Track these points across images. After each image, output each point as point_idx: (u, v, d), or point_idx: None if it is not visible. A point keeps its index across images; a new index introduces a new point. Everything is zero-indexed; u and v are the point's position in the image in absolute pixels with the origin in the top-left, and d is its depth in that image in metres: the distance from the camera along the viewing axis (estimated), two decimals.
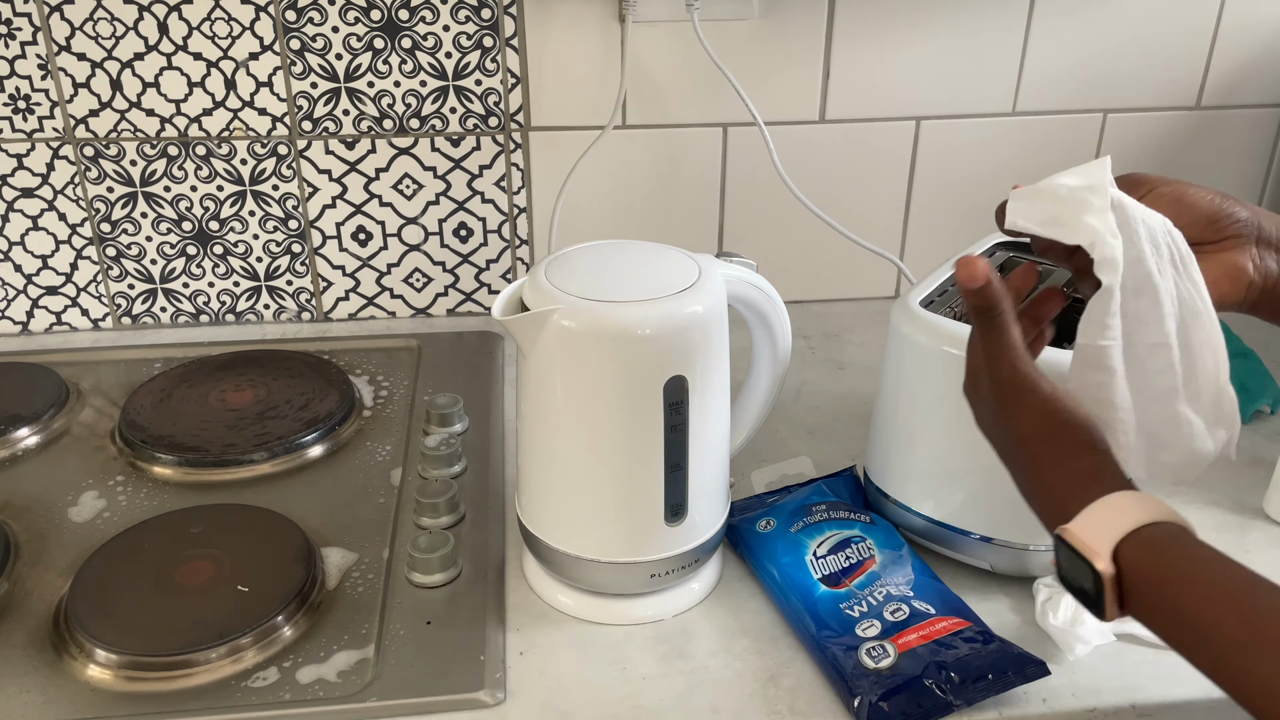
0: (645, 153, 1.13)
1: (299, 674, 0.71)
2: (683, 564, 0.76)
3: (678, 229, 1.16)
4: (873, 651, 0.69)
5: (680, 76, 1.09)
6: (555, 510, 0.75)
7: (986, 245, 0.91)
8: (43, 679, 0.71)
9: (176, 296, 1.15)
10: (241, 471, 0.92)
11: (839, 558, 0.77)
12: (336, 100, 1.07)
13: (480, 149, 1.10)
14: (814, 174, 1.14)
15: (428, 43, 1.05)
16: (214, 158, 1.08)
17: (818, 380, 1.06)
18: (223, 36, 1.03)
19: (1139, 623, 0.54)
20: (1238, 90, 1.17)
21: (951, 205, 1.19)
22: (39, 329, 1.15)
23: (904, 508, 0.80)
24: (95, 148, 1.07)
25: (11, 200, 1.08)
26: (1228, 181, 1.21)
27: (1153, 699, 0.70)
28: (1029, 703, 0.69)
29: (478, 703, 0.69)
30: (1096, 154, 1.18)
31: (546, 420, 0.73)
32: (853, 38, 1.09)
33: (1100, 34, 1.12)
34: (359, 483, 0.91)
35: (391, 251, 1.15)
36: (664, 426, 0.71)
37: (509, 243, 1.16)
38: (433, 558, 0.78)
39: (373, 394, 1.03)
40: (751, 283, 0.78)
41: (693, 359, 0.70)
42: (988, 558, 0.78)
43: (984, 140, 1.16)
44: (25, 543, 0.83)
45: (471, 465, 0.91)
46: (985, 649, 0.69)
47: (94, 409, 1.01)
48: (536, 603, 0.78)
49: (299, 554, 0.80)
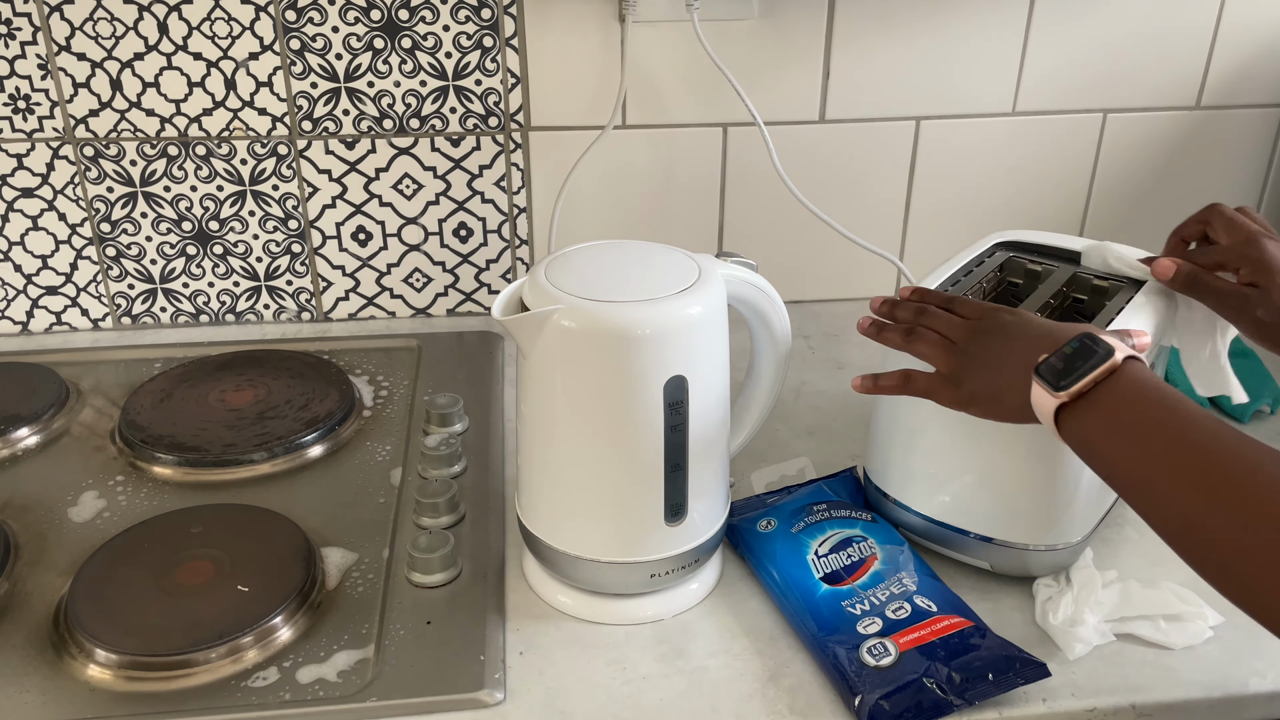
0: (645, 153, 1.13)
1: (299, 674, 0.71)
2: (682, 564, 0.76)
3: (678, 229, 1.16)
4: (874, 650, 0.69)
5: (680, 76, 1.09)
6: (555, 510, 0.75)
7: (987, 245, 0.91)
8: (43, 679, 0.71)
9: (176, 296, 1.15)
10: (241, 471, 0.92)
11: (840, 556, 0.77)
12: (336, 100, 1.07)
13: (480, 149, 1.10)
14: (814, 174, 1.14)
15: (428, 43, 1.05)
16: (214, 158, 1.08)
17: (818, 380, 1.06)
18: (223, 36, 1.03)
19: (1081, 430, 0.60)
20: (1238, 90, 1.17)
21: (951, 205, 1.19)
22: (39, 329, 1.15)
23: (904, 507, 0.80)
24: (95, 148, 1.07)
25: (11, 200, 1.08)
26: (1228, 181, 1.21)
27: (1153, 699, 0.70)
28: (1029, 703, 0.69)
29: (478, 703, 0.69)
30: (1096, 154, 1.18)
31: (546, 420, 0.73)
32: (853, 38, 1.09)
33: (1100, 34, 1.12)
34: (359, 483, 0.91)
35: (391, 251, 1.15)
36: (664, 426, 0.71)
37: (509, 243, 1.16)
38: (433, 558, 0.78)
39: (373, 394, 1.03)
40: (751, 283, 0.78)
41: (693, 359, 0.70)
42: (987, 557, 0.78)
43: (984, 140, 1.16)
44: (25, 543, 0.83)
45: (471, 465, 0.91)
46: (986, 649, 0.69)
47: (94, 409, 1.01)
48: (536, 603, 0.78)
49: (299, 554, 0.80)
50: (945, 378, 0.70)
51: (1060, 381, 0.60)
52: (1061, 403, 0.60)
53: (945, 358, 0.70)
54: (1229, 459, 0.55)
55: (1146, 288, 0.81)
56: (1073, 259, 0.87)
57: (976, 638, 0.70)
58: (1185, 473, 0.56)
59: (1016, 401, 0.65)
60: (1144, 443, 0.58)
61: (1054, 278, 0.86)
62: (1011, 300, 0.88)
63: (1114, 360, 0.60)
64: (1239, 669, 0.71)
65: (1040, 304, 0.83)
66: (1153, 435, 0.58)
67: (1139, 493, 0.58)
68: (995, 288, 0.89)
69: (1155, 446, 0.57)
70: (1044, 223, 1.19)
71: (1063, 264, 0.87)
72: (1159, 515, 0.57)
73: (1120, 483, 0.59)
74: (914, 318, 0.74)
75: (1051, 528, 0.76)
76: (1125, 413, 0.59)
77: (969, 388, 0.69)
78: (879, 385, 0.74)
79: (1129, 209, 1.21)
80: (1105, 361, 0.60)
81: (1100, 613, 0.74)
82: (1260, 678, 0.71)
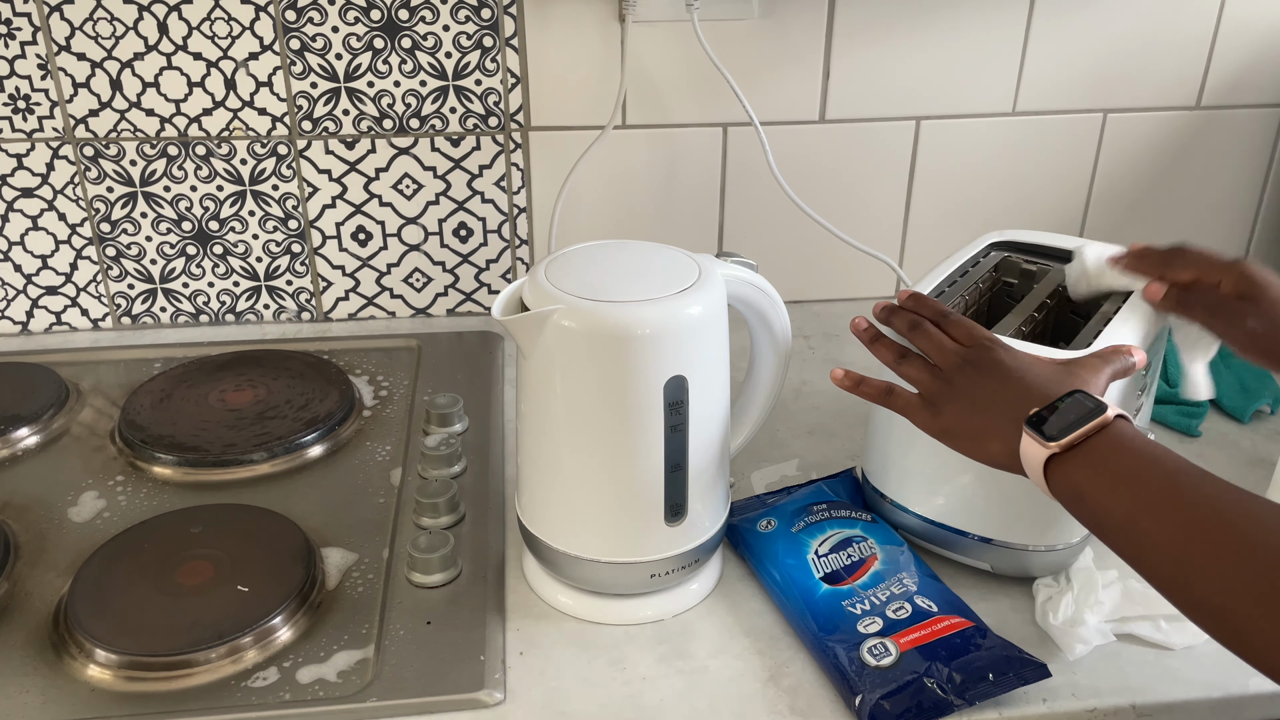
0: (645, 153, 1.13)
1: (299, 674, 0.71)
2: (683, 564, 0.76)
3: (678, 229, 1.16)
4: (875, 649, 0.69)
5: (680, 76, 1.09)
6: (555, 510, 0.75)
7: (982, 245, 0.91)
8: (43, 679, 0.71)
9: (176, 296, 1.15)
10: (241, 471, 0.92)
11: (840, 556, 0.77)
12: (336, 100, 1.07)
13: (480, 149, 1.10)
14: (814, 174, 1.14)
15: (428, 43, 1.05)
16: (214, 158, 1.08)
17: (818, 380, 1.06)
18: (222, 36, 1.03)
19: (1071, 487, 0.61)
20: (1238, 90, 1.17)
21: (952, 205, 1.19)
22: (39, 329, 1.15)
23: (902, 508, 0.80)
24: (95, 148, 1.07)
25: (11, 200, 1.08)
26: (1228, 181, 1.21)
27: (1153, 699, 0.70)
28: (1029, 703, 0.69)
29: (478, 703, 0.69)
30: (1096, 154, 1.18)
31: (546, 420, 0.73)
32: (853, 38, 1.09)
33: (1100, 34, 1.12)
34: (359, 483, 0.91)
35: (391, 251, 1.15)
36: (664, 426, 0.71)
37: (509, 243, 1.16)
38: (433, 558, 0.78)
39: (373, 394, 1.03)
40: (751, 283, 0.78)
41: (693, 359, 0.70)
42: (986, 558, 0.78)
43: (984, 140, 1.16)
44: (25, 543, 0.83)
45: (471, 465, 0.91)
46: (986, 649, 0.69)
47: (94, 409, 1.01)
48: (536, 603, 0.78)
49: (299, 554, 0.80)
50: (926, 401, 0.70)
51: (1051, 433, 0.61)
52: (1052, 454, 0.61)
53: (929, 382, 0.71)
54: (1217, 502, 0.56)
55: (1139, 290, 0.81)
56: (1067, 259, 0.87)
57: (977, 638, 0.70)
58: (1173, 516, 0.57)
59: (1000, 449, 0.65)
60: (1133, 490, 0.59)
61: (1049, 278, 0.86)
62: (1007, 300, 0.88)
63: (1105, 416, 0.61)
64: (1239, 669, 0.70)
65: (1036, 304, 0.83)
66: (1141, 483, 0.59)
67: (1128, 539, 0.59)
68: (990, 288, 0.89)
69: (1144, 493, 0.58)
70: (1044, 223, 1.19)
71: (1057, 264, 0.87)
72: (1149, 561, 0.58)
73: (1109, 531, 0.60)
74: (908, 330, 0.74)
75: (1050, 527, 0.76)
76: (1115, 462, 0.60)
77: (947, 419, 0.69)
78: (861, 389, 0.75)
79: (1129, 209, 1.21)
80: (1097, 416, 0.61)
81: (1100, 613, 0.74)
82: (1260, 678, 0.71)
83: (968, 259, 0.88)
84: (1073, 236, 0.89)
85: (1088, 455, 0.60)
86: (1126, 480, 0.59)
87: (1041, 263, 0.88)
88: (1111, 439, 0.61)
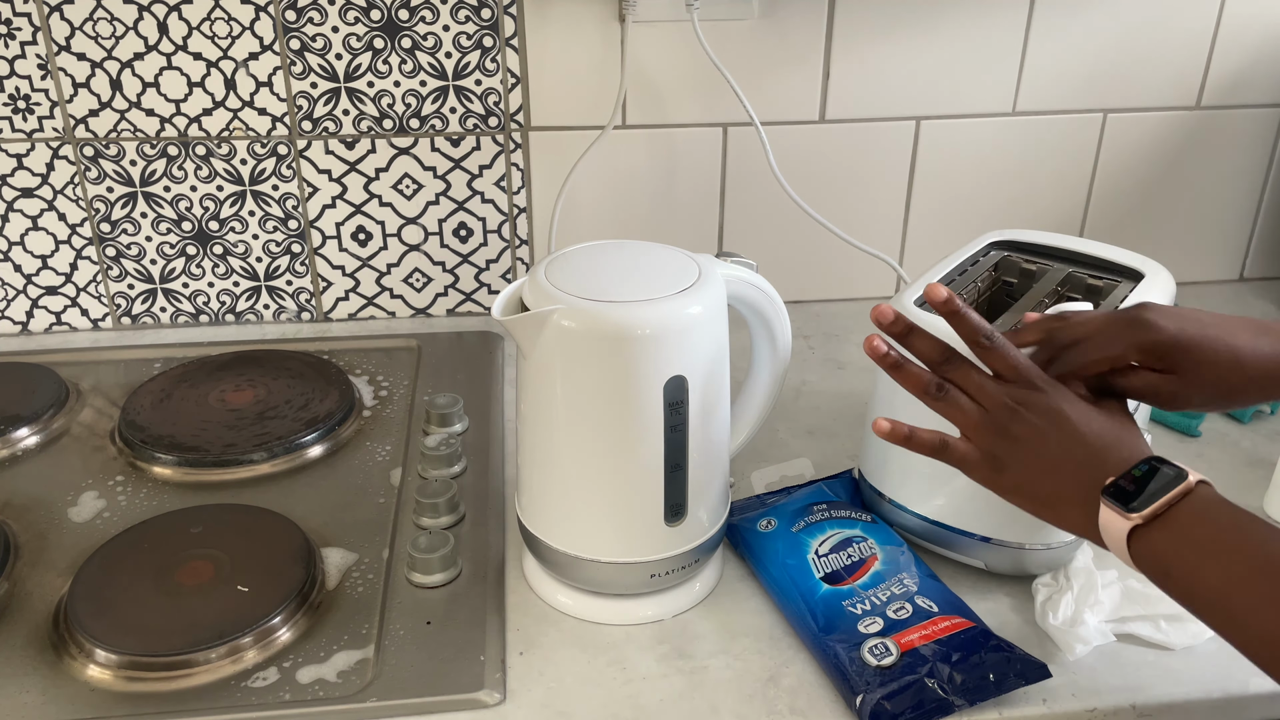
0: (645, 153, 1.13)
1: (299, 674, 0.71)
2: (683, 564, 0.76)
3: (678, 229, 1.16)
4: (875, 649, 0.69)
5: (680, 76, 1.09)
6: (555, 510, 0.75)
7: (981, 244, 0.91)
8: (43, 679, 0.71)
9: (176, 296, 1.15)
10: (241, 471, 0.92)
11: (840, 556, 0.77)
12: (336, 100, 1.07)
13: (480, 149, 1.10)
14: (814, 174, 1.14)
15: (428, 43, 1.05)
16: (214, 158, 1.08)
17: (818, 380, 1.06)
18: (222, 36, 1.03)
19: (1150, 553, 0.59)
20: (1238, 90, 1.17)
21: (952, 205, 1.19)
22: (39, 329, 1.15)
23: (900, 508, 0.80)
24: (95, 148, 1.07)
25: (11, 200, 1.08)
26: (1228, 181, 1.21)
27: (1153, 699, 0.70)
28: (1029, 703, 0.69)
29: (478, 703, 0.69)
30: (1096, 154, 1.18)
31: (546, 420, 0.73)
32: (853, 38, 1.09)
33: (1100, 34, 1.12)
34: (359, 483, 0.91)
35: (391, 251, 1.15)
36: (664, 426, 0.71)
37: (509, 243, 1.16)
38: (433, 558, 0.78)
39: (373, 394, 1.03)
40: (751, 283, 0.78)
41: (693, 359, 0.70)
42: (983, 556, 0.78)
43: (984, 140, 1.16)
44: (25, 543, 0.83)
45: (471, 465, 0.91)
46: (987, 649, 0.69)
47: (94, 409, 1.01)
48: (536, 603, 0.78)
49: (299, 554, 0.80)
50: (985, 456, 0.65)
51: (1132, 503, 0.59)
52: (1135, 525, 0.59)
53: (980, 432, 0.65)
54: None
55: (1142, 285, 0.81)
56: (1067, 258, 0.87)
57: (978, 638, 0.70)
58: (1267, 588, 0.54)
59: (1079, 519, 0.62)
60: (1222, 561, 0.56)
61: (1049, 277, 0.86)
62: (1006, 300, 0.88)
63: (1188, 483, 0.58)
64: (1239, 669, 0.71)
65: (1035, 303, 0.83)
66: (1231, 553, 0.56)
67: (1220, 611, 0.57)
68: (990, 287, 0.89)
69: (1235, 564, 0.56)
70: (1044, 223, 1.19)
71: (1057, 263, 0.87)
72: (1242, 634, 0.56)
73: (1198, 603, 0.58)
74: (938, 357, 0.66)
75: (1046, 525, 0.75)
76: (1200, 532, 0.57)
77: (1014, 478, 0.65)
78: (911, 443, 0.67)
79: (1129, 209, 1.21)
80: (1179, 484, 0.58)
81: (1100, 613, 0.74)
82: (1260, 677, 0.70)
83: (967, 258, 0.88)
84: (1073, 236, 0.89)
85: (1171, 525, 0.58)
86: (1215, 550, 0.57)
87: (1041, 262, 0.88)
88: (1195, 506, 0.58)
